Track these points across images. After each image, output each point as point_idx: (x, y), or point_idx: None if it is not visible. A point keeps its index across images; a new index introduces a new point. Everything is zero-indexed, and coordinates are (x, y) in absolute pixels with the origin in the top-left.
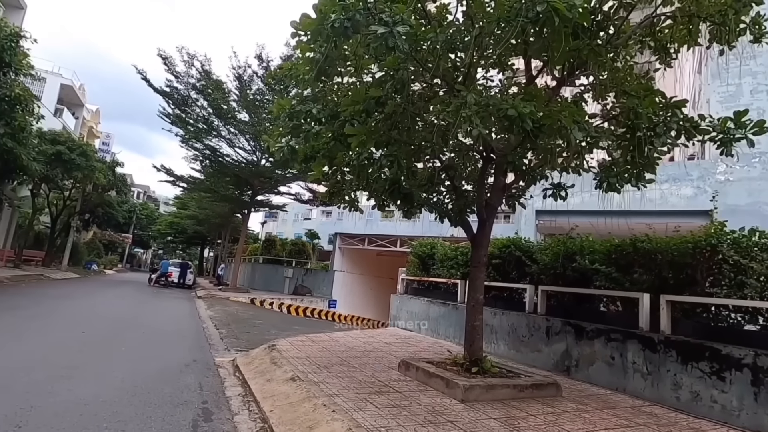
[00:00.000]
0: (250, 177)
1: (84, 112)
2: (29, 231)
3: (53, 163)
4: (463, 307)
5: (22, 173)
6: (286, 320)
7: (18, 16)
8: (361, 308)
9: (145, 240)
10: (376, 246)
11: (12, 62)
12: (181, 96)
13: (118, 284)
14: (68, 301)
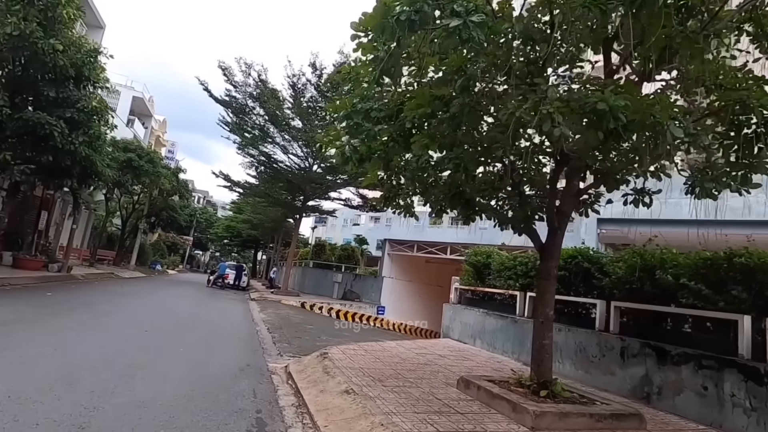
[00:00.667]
0: (302, 182)
1: (152, 122)
2: (103, 232)
3: (125, 170)
4: (523, 321)
5: (98, 178)
6: (336, 326)
7: (98, 35)
8: (409, 316)
9: (204, 242)
10: (425, 253)
11: (91, 76)
12: (238, 104)
13: (179, 284)
14: (134, 299)
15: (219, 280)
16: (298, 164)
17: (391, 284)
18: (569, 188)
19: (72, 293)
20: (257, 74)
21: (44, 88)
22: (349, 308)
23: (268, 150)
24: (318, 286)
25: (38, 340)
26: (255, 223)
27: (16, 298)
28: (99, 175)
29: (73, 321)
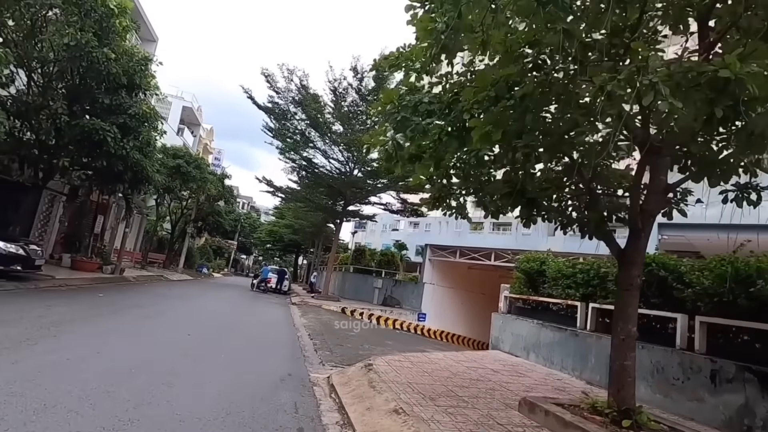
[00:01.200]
0: (342, 187)
1: (201, 131)
2: (153, 236)
3: (174, 175)
4: (585, 335)
5: (148, 183)
6: (377, 333)
7: (151, 48)
8: (451, 324)
9: (248, 247)
10: (468, 259)
11: (142, 84)
12: (281, 110)
13: (224, 287)
14: (180, 301)
15: (262, 284)
16: (339, 169)
17: (432, 291)
18: (655, 183)
19: (122, 295)
20: (299, 80)
21: (99, 95)
22: (390, 314)
23: (310, 155)
24: (358, 292)
25: (84, 342)
26: (296, 228)
27: (71, 299)
28: (149, 179)
29: (120, 323)
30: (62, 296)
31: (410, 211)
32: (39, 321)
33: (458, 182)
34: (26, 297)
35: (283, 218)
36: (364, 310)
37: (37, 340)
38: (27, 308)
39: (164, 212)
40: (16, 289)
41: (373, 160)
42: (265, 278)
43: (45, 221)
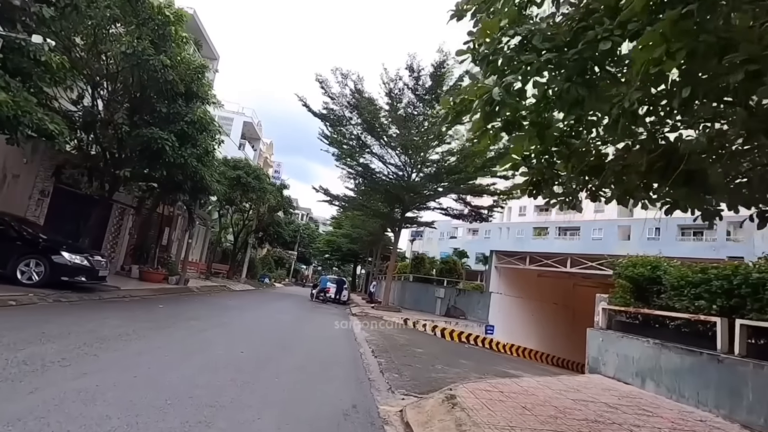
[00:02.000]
0: (400, 192)
1: (261, 145)
2: (217, 247)
3: (234, 186)
4: (734, 362)
5: (208, 193)
6: (446, 348)
7: (213, 65)
8: (521, 337)
9: (307, 257)
10: (539, 266)
11: (199, 92)
12: (336, 116)
13: (284, 297)
14: (239, 312)
15: (321, 294)
16: (396, 173)
17: (500, 300)
18: None
19: (182, 306)
20: (353, 84)
21: (158, 105)
22: (455, 326)
23: (366, 160)
24: (418, 302)
25: (124, 363)
26: (354, 237)
27: (129, 311)
28: (208, 189)
29: (171, 339)
30: (122, 308)
31: (474, 216)
32: (86, 336)
33: (573, 159)
34: (85, 309)
35: (340, 228)
36: (427, 321)
37: (72, 361)
38: (82, 321)
39: (226, 223)
40: (80, 300)
41: (433, 162)
42: (323, 288)
43: (116, 233)
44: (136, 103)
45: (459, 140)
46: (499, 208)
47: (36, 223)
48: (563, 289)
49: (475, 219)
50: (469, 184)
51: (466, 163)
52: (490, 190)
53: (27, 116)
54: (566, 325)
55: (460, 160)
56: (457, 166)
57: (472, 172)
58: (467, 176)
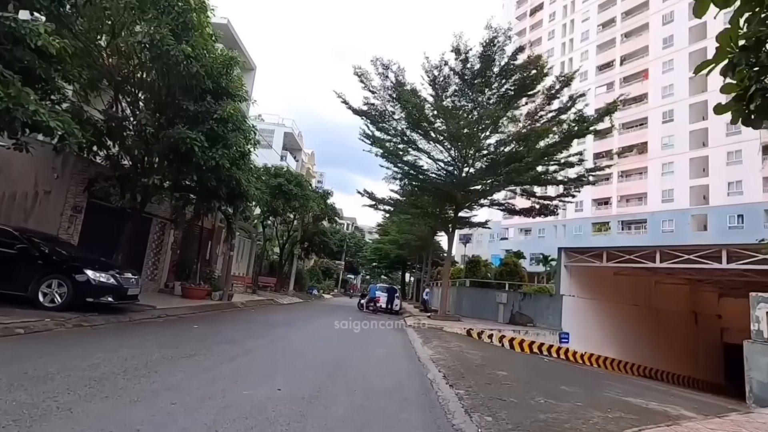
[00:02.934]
0: (452, 189)
1: (302, 156)
2: (263, 260)
3: (276, 195)
4: None
5: (245, 199)
6: (530, 366)
7: (250, 77)
8: (598, 343)
9: (355, 266)
10: (618, 263)
11: (229, 87)
12: (378, 112)
13: (333, 310)
14: (283, 330)
15: (371, 304)
16: (446, 170)
17: (573, 304)
18: None
19: (220, 325)
20: (395, 76)
21: (184, 102)
22: (524, 335)
23: (412, 158)
24: (477, 308)
25: (118, 415)
26: (402, 243)
27: (155, 335)
28: (246, 195)
29: (193, 372)
30: (148, 332)
31: (538, 210)
32: (79, 376)
33: None
34: (105, 335)
35: (386, 235)
36: (493, 331)
37: (34, 418)
38: (89, 353)
39: (271, 234)
40: (105, 324)
41: (487, 153)
42: (373, 297)
43: (157, 250)
44: (160, 103)
45: (517, 123)
46: (570, 197)
47: (68, 243)
48: (644, 288)
49: (540, 213)
50: (530, 173)
51: (528, 147)
52: (556, 179)
53: (20, 109)
54: (650, 330)
55: (519, 145)
56: (516, 154)
57: (533, 161)
58: (528, 165)
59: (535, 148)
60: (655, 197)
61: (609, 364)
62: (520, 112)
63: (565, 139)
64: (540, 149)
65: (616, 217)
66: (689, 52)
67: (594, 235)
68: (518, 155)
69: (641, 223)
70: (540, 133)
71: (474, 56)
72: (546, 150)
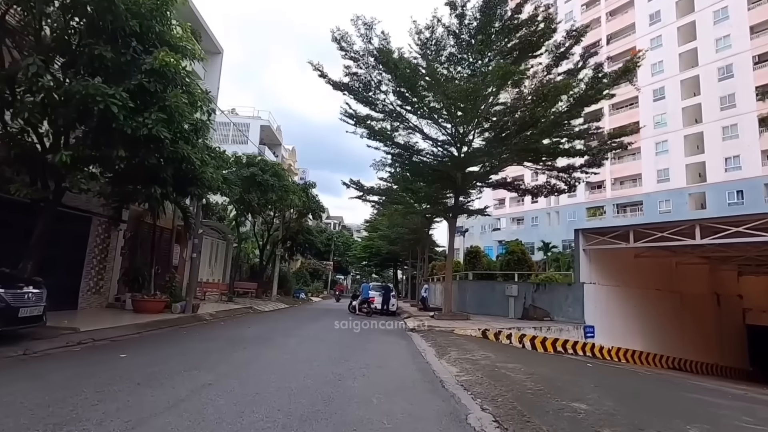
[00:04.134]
0: (452, 170)
1: (282, 151)
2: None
3: (251, 188)
4: None
5: (200, 185)
6: (596, 380)
7: (216, 60)
8: (622, 335)
9: (345, 266)
10: (648, 242)
11: (164, 34)
12: (361, 83)
13: (322, 314)
14: (254, 349)
15: (364, 306)
16: (443, 149)
17: (595, 293)
18: None
19: (165, 349)
20: (379, 40)
21: (97, 47)
22: (545, 332)
23: (403, 137)
24: (483, 303)
25: None
26: (393, 238)
27: (45, 379)
28: (200, 179)
29: None
30: (36, 374)
31: (552, 189)
32: None
33: None
34: None
35: (376, 231)
36: (511, 330)
37: None
38: None
39: (246, 233)
40: None
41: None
42: (366, 298)
43: (102, 256)
44: (67, 52)
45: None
46: (595, 166)
47: None
48: (666, 270)
49: (552, 191)
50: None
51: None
52: (575, 148)
53: None
54: (674, 316)
55: (535, 106)
56: (530, 117)
57: (550, 125)
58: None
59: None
60: (651, 178)
61: (638, 358)
62: (534, 69)
63: (579, 104)
64: (557, 113)
65: (610, 201)
66: (677, 27)
67: (588, 219)
68: (533, 118)
69: (637, 205)
70: (561, 88)
71: (473, 8)
72: (559, 117)
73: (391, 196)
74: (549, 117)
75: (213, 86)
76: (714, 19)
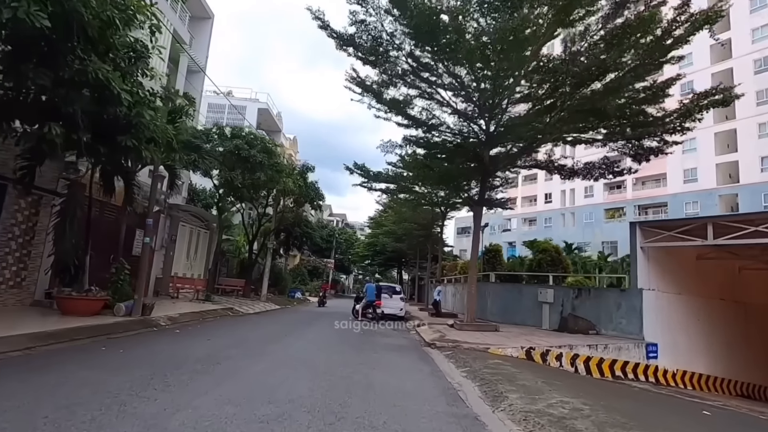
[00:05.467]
0: (479, 147)
1: (282, 139)
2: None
3: (235, 164)
4: None
5: (137, 135)
6: None
7: (206, 26)
8: (685, 355)
9: (346, 265)
10: (732, 238)
11: None
12: (371, 36)
13: (317, 318)
14: (197, 386)
15: (369, 311)
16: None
17: (655, 301)
18: None
19: (27, 383)
20: None
21: None
22: (603, 352)
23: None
24: (509, 310)
25: None
26: (400, 234)
27: None
28: (135, 125)
29: None
30: None
31: (608, 167)
32: None
33: None
34: None
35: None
36: (561, 349)
37: None
38: None
39: (227, 219)
40: None
41: (549, 71)
42: (371, 301)
43: (25, 239)
44: None
45: None
46: (695, 120)
47: None
48: (729, 276)
49: (611, 171)
50: (616, 100)
51: (623, 49)
52: (651, 111)
53: None
54: (739, 331)
55: (609, 48)
56: (600, 63)
57: (634, 75)
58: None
59: (627, 57)
60: (676, 178)
61: (704, 384)
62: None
63: (658, 50)
64: (635, 59)
65: (631, 202)
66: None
67: (606, 221)
68: (601, 68)
69: (660, 207)
70: (648, 19)
71: None
72: (638, 65)
73: (400, 184)
74: (625, 65)
75: (201, 55)
76: (750, 7)
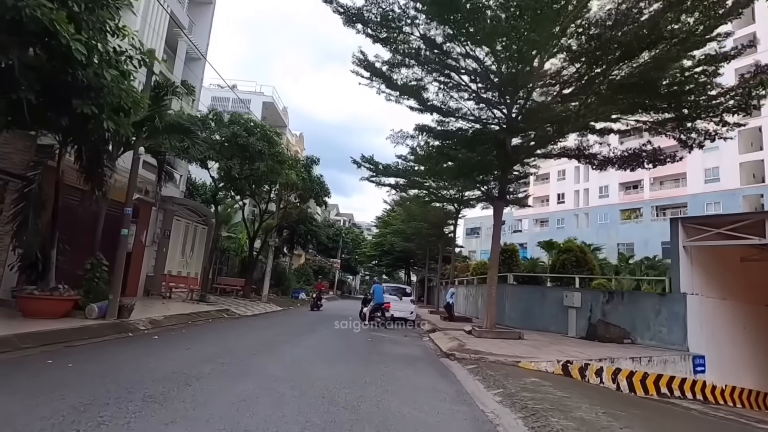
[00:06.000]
0: (505, 135)
1: (288, 135)
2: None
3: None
4: None
5: (97, 98)
6: None
7: (207, 10)
8: (732, 368)
9: (353, 265)
10: None
11: None
12: (381, 9)
13: (321, 322)
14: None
15: (377, 314)
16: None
17: (699, 307)
18: None
19: None
20: None
21: None
22: (647, 365)
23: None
24: (529, 315)
25: None
26: (409, 234)
27: None
28: (94, 87)
29: None
30: None
31: (653, 155)
32: None
33: None
34: None
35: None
36: (602, 363)
37: None
38: None
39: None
40: None
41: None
42: (380, 304)
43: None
44: None
45: None
46: (741, 113)
47: None
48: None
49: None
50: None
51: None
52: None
53: None
54: None
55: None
56: (652, 27)
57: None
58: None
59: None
60: (697, 177)
61: (754, 401)
62: None
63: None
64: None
65: (648, 202)
66: None
67: (622, 222)
68: (654, 32)
69: (680, 208)
70: None
71: None
72: (695, 32)
73: (411, 179)
74: (680, 32)
75: (202, 42)
76: None
